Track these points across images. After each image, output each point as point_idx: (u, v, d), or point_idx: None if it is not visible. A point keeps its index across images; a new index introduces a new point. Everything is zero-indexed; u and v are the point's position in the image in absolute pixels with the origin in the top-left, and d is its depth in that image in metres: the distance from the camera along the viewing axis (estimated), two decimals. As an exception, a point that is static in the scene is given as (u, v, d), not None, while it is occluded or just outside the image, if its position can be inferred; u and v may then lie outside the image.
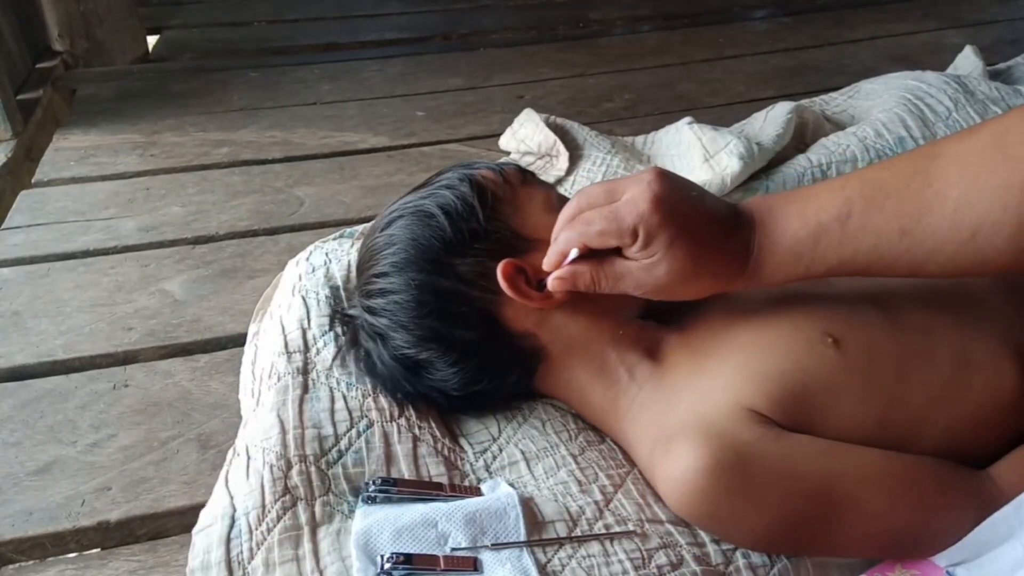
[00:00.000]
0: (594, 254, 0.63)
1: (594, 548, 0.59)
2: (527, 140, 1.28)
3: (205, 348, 0.94)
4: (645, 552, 0.59)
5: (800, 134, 1.17)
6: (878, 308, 0.67)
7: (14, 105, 1.50)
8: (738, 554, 0.61)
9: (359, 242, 0.88)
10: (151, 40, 2.05)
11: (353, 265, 0.85)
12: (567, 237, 0.63)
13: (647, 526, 0.61)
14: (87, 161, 1.39)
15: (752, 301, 0.69)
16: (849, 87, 1.33)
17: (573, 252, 0.63)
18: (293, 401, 0.69)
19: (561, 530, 0.60)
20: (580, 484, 0.65)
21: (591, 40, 2.00)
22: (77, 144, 1.46)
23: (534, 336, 0.69)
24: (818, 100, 1.32)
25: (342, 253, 0.89)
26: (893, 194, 0.57)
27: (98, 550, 0.71)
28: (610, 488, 0.65)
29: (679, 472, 0.59)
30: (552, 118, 1.29)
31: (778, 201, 0.62)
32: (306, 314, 0.79)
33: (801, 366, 0.63)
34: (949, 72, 1.33)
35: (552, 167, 1.19)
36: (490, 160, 1.06)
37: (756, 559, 0.60)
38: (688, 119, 1.17)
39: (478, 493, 0.64)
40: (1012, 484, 0.61)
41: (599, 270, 0.63)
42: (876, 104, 1.22)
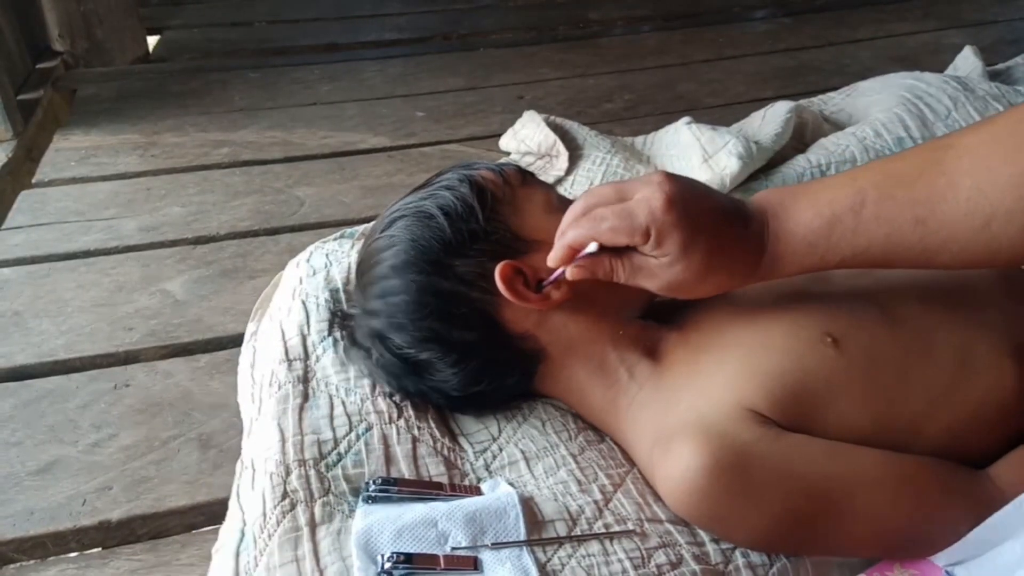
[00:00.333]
0: (607, 250, 0.63)
1: (594, 547, 0.59)
2: (527, 140, 1.28)
3: (206, 348, 0.94)
4: (644, 551, 0.59)
5: (799, 134, 1.17)
6: (878, 307, 0.67)
7: (14, 105, 1.51)
8: (737, 553, 0.61)
9: (359, 243, 0.88)
10: (151, 40, 2.05)
11: (353, 266, 0.85)
12: (577, 233, 0.63)
13: (646, 525, 0.61)
14: (87, 161, 1.39)
15: (752, 300, 0.69)
16: (847, 87, 1.33)
17: (592, 246, 0.62)
18: (293, 410, 0.69)
19: (561, 529, 0.60)
20: (580, 483, 0.65)
21: (591, 40, 2.00)
22: (77, 144, 1.46)
23: (534, 337, 0.69)
24: (816, 100, 1.32)
25: (342, 254, 0.88)
26: (906, 183, 0.56)
27: (99, 549, 0.71)
28: (610, 487, 0.65)
29: (679, 471, 0.59)
30: (552, 118, 1.29)
31: (789, 193, 0.62)
32: (306, 319, 0.79)
33: (801, 365, 0.63)
34: (949, 72, 1.33)
35: (552, 167, 1.19)
36: (490, 160, 1.06)
37: (755, 558, 0.60)
38: (687, 119, 1.17)
39: (478, 492, 0.64)
40: (1012, 484, 0.61)
41: (617, 260, 0.63)
42: (874, 103, 1.21)
